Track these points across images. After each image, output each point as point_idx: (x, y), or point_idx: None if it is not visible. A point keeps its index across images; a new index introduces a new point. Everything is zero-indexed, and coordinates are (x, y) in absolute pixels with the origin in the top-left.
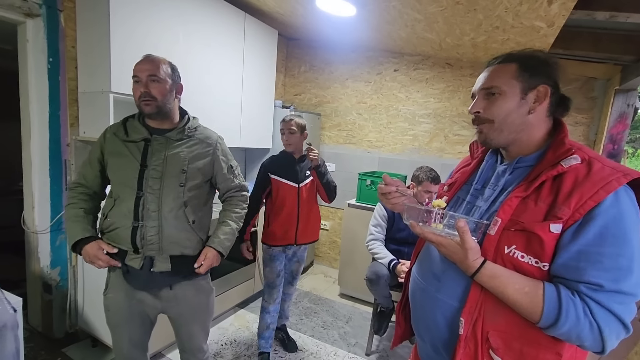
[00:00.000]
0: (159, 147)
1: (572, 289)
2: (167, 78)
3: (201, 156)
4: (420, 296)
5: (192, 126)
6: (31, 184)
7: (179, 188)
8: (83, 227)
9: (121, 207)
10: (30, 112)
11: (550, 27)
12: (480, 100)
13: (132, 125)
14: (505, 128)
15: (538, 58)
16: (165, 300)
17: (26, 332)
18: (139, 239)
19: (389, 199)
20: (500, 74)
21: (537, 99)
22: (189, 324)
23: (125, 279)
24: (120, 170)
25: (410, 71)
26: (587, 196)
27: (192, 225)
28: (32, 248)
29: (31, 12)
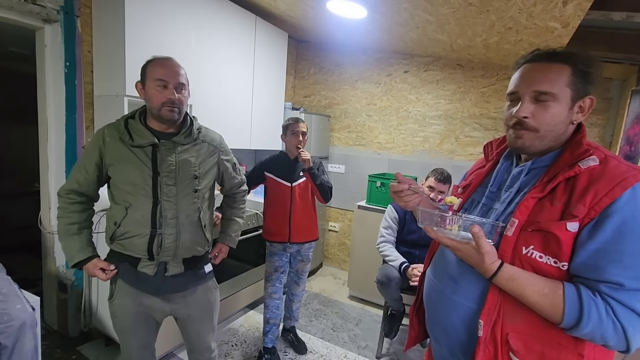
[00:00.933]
0: (167, 152)
1: (593, 288)
2: (187, 85)
3: (208, 159)
4: (436, 298)
5: (197, 128)
6: (48, 185)
7: (193, 194)
8: (79, 248)
9: (135, 215)
10: (48, 115)
11: (565, 28)
12: (528, 103)
13: (135, 129)
14: (548, 136)
15: (593, 64)
16: (174, 303)
17: (42, 331)
18: (156, 247)
19: (401, 197)
20: (556, 77)
21: (581, 110)
22: (198, 323)
23: (135, 285)
24: (130, 177)
25: (421, 72)
26: (602, 193)
27: (203, 229)
28: (48, 248)
29: (49, 17)
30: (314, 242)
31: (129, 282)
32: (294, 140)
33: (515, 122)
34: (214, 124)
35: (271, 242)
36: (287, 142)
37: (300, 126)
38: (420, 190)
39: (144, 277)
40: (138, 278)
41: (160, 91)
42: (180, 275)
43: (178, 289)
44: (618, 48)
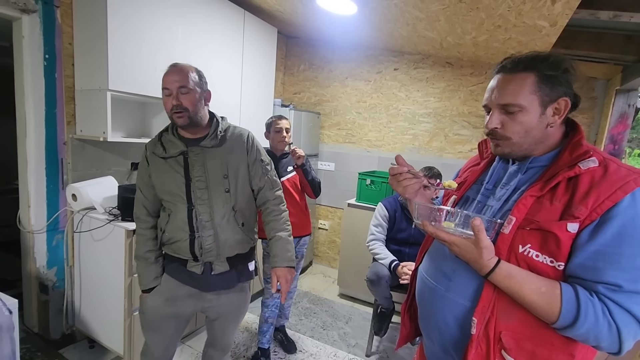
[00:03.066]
0: (196, 158)
1: (590, 289)
2: (196, 87)
3: (237, 157)
4: (429, 296)
5: (222, 128)
6: (27, 182)
7: (226, 194)
8: (154, 277)
9: (176, 221)
10: (26, 110)
11: (553, 27)
12: (497, 115)
13: (167, 140)
14: (524, 143)
15: (559, 67)
16: (208, 302)
17: (22, 333)
18: (197, 249)
19: (399, 180)
20: (519, 87)
21: (556, 112)
22: (226, 322)
23: (187, 282)
24: (167, 187)
25: (411, 70)
26: (604, 196)
27: (242, 228)
28: (27, 248)
29: (27, 7)
30: (307, 237)
31: (178, 279)
32: (277, 137)
33: (488, 133)
34: None
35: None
36: (271, 139)
37: (282, 123)
38: (419, 175)
39: (195, 276)
40: (190, 276)
41: (167, 100)
42: (226, 273)
43: (226, 285)
44: (603, 48)
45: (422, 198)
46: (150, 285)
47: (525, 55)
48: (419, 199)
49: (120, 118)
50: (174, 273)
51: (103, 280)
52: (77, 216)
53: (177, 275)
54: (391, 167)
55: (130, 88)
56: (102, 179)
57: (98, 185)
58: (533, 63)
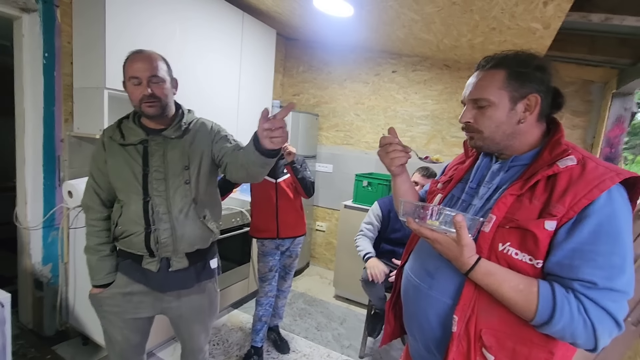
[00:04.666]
0: (157, 147)
1: (566, 286)
2: (165, 76)
3: (200, 145)
4: (413, 294)
5: (188, 121)
6: (24, 180)
7: (185, 186)
8: (108, 272)
9: (129, 213)
10: (25, 108)
11: (547, 29)
12: (469, 109)
13: (127, 127)
14: (496, 137)
15: (529, 64)
16: (167, 302)
17: (16, 330)
18: (153, 243)
19: (388, 152)
20: (488, 83)
21: (527, 109)
22: (189, 324)
23: (141, 282)
24: (122, 175)
25: (409, 72)
26: (581, 194)
27: (203, 221)
28: (23, 244)
29: (27, 6)
30: (301, 237)
31: (131, 277)
32: None
33: (463, 128)
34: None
35: (261, 240)
36: None
37: None
38: (409, 150)
39: (150, 274)
40: (144, 275)
41: (136, 89)
42: (185, 270)
43: (184, 285)
44: (598, 51)
45: (410, 195)
46: (104, 281)
47: (499, 53)
48: (407, 195)
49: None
50: (127, 271)
51: None
52: (72, 213)
53: (131, 273)
54: (382, 137)
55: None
56: None
57: None
58: (504, 60)
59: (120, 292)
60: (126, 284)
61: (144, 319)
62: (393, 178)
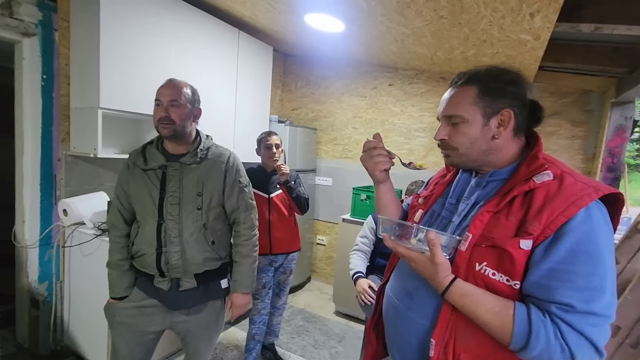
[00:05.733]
0: (174, 173)
1: (543, 309)
2: (187, 103)
3: (214, 176)
4: (392, 314)
5: (204, 147)
6: (23, 198)
7: (197, 211)
8: (127, 286)
9: (144, 234)
10: (24, 128)
11: (537, 40)
12: (444, 126)
13: (150, 153)
14: (472, 153)
15: (500, 79)
16: (177, 317)
17: (13, 348)
18: (163, 264)
19: (372, 155)
20: (461, 99)
21: (500, 124)
22: (195, 340)
23: (154, 297)
24: (141, 199)
25: (405, 85)
26: (557, 211)
27: (212, 246)
28: (21, 262)
29: (27, 31)
30: (296, 253)
31: (146, 293)
32: (267, 153)
33: (439, 145)
34: None
35: None
36: (262, 155)
37: (271, 139)
38: (393, 155)
39: (162, 292)
40: (157, 292)
41: (157, 110)
42: (194, 290)
43: (193, 303)
44: (592, 60)
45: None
46: (122, 294)
47: (471, 69)
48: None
49: (115, 135)
50: (142, 286)
51: (90, 296)
52: (67, 231)
53: (145, 289)
54: (367, 141)
55: (121, 106)
56: (94, 194)
57: (89, 201)
58: (475, 76)
59: (135, 305)
60: (141, 298)
61: (152, 334)
62: (376, 185)
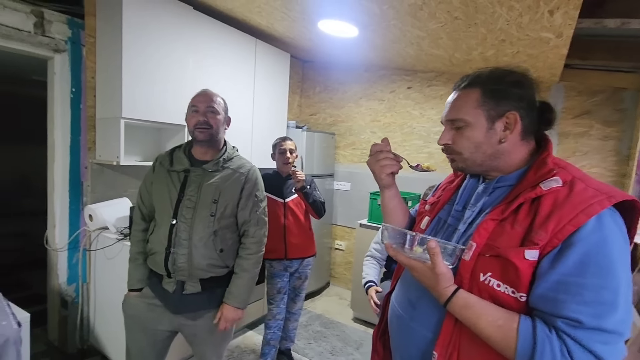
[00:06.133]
0: (196, 178)
1: (550, 324)
2: (221, 110)
3: (232, 186)
4: (396, 324)
5: (228, 157)
6: (53, 204)
7: (210, 218)
8: (139, 279)
9: (158, 233)
10: (55, 138)
11: (559, 38)
12: (447, 130)
13: (177, 156)
14: (476, 158)
15: (504, 81)
16: (183, 320)
17: (44, 346)
18: (170, 265)
19: (379, 159)
20: (464, 103)
21: (506, 127)
22: (202, 345)
23: (160, 298)
24: (161, 198)
25: (424, 88)
26: (565, 220)
27: (219, 254)
28: (52, 265)
29: (58, 48)
30: (311, 258)
31: (155, 293)
32: (282, 158)
33: (443, 150)
34: None
35: (270, 261)
36: (276, 160)
37: (286, 144)
38: (400, 159)
39: (166, 294)
40: (162, 294)
41: (193, 116)
42: (198, 294)
43: (195, 308)
44: (623, 57)
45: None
46: (135, 286)
47: (474, 72)
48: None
49: (137, 143)
50: (153, 287)
51: (113, 298)
52: (93, 235)
53: (155, 290)
54: (373, 144)
55: (142, 115)
56: (118, 200)
57: (112, 207)
58: (478, 78)
59: (146, 301)
60: (151, 297)
61: (163, 334)
62: (382, 191)
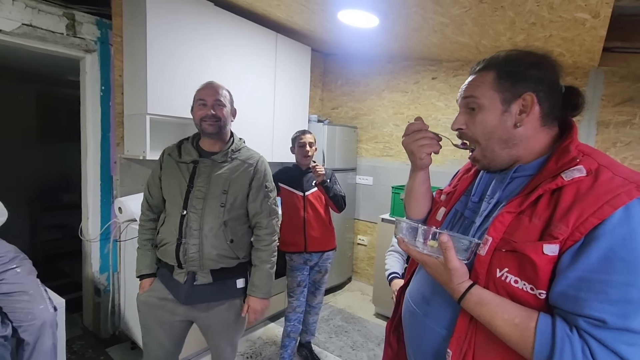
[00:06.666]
0: (205, 169)
1: (571, 323)
2: (227, 103)
3: (242, 176)
4: (409, 320)
5: (236, 148)
6: (87, 197)
7: (220, 208)
8: (148, 264)
9: (169, 224)
10: (87, 135)
11: (597, 18)
12: (462, 114)
13: (185, 148)
14: (494, 146)
15: (521, 63)
16: (197, 311)
17: (80, 331)
18: (181, 255)
19: (416, 139)
20: (479, 84)
21: (522, 110)
22: (216, 336)
23: (170, 289)
24: (170, 189)
25: (450, 78)
26: (588, 212)
27: (230, 244)
28: (87, 255)
29: (89, 48)
30: (331, 252)
31: (165, 285)
32: (301, 151)
33: (458, 136)
34: None
35: (290, 254)
36: (296, 154)
37: (305, 138)
38: (440, 138)
39: (177, 285)
40: (173, 285)
41: (201, 109)
42: (209, 285)
43: (206, 299)
44: None
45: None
46: (143, 272)
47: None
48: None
49: (163, 138)
50: (163, 279)
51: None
52: (122, 226)
53: (165, 281)
54: (410, 123)
55: (166, 111)
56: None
57: (139, 200)
58: (492, 60)
59: (158, 296)
60: (162, 290)
61: (179, 325)
62: (414, 173)
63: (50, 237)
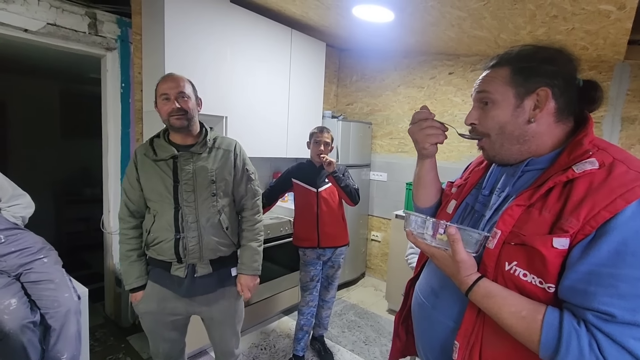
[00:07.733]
0: (185, 162)
1: (579, 317)
2: (191, 94)
3: (225, 164)
4: (418, 312)
5: (212, 137)
6: (108, 191)
7: (212, 197)
8: (137, 276)
9: (161, 221)
10: (108, 131)
11: (622, 10)
12: (475, 109)
13: (159, 145)
14: (505, 142)
15: (534, 58)
16: (199, 305)
17: (102, 319)
18: (181, 250)
19: (423, 128)
20: (491, 78)
21: (536, 105)
22: (220, 327)
23: (169, 288)
24: (154, 189)
25: (467, 73)
26: (600, 205)
27: (226, 232)
28: (108, 247)
29: (109, 46)
30: (344, 247)
31: (162, 284)
32: (315, 149)
33: (470, 131)
34: (249, 134)
35: (303, 249)
36: (311, 149)
37: (323, 136)
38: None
39: (177, 281)
40: (172, 282)
41: (165, 104)
42: (209, 276)
43: (207, 290)
44: None
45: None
46: (135, 285)
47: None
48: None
49: None
50: (158, 279)
51: None
52: None
53: (161, 280)
54: (417, 112)
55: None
56: None
57: None
58: (506, 56)
59: (155, 302)
60: (159, 292)
61: (181, 320)
62: (421, 161)
63: (74, 230)
